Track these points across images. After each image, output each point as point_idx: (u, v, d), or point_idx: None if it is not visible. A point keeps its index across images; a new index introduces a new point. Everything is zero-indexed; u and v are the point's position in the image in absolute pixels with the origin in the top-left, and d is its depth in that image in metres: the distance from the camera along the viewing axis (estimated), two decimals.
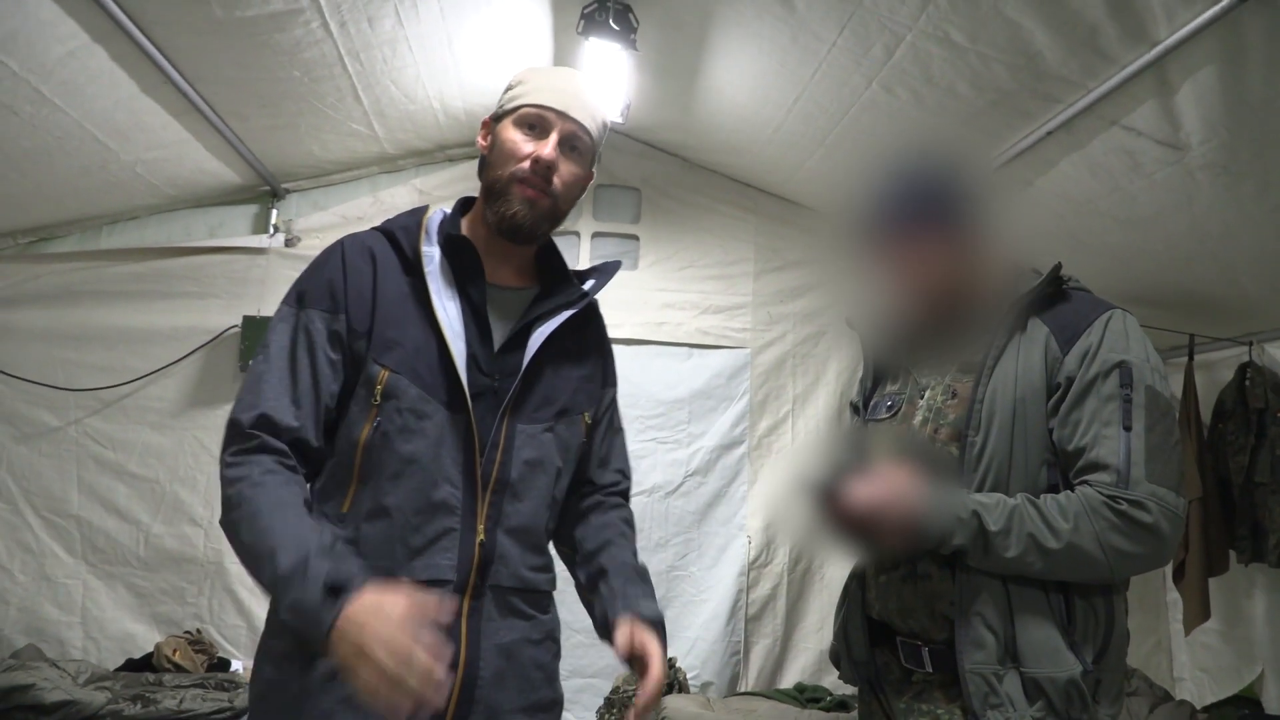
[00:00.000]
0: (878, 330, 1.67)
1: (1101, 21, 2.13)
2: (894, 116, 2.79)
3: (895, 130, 2.86)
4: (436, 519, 1.22)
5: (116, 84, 2.64)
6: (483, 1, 2.72)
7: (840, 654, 1.57)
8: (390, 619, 0.99)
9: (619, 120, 3.27)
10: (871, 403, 1.61)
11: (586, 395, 1.41)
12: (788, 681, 3.60)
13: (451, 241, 1.33)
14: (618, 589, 1.34)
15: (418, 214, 1.37)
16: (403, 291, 1.29)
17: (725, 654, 3.66)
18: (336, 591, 1.02)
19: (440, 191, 3.79)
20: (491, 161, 1.33)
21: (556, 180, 1.31)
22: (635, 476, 3.73)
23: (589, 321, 1.44)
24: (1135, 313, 1.42)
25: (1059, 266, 1.46)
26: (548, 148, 1.30)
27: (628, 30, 2.67)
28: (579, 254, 3.88)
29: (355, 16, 2.60)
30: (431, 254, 1.32)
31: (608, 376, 1.49)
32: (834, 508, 1.34)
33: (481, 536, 1.24)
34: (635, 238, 3.94)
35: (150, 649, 3.18)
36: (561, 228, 4.49)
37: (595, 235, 3.92)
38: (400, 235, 1.33)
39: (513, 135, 1.31)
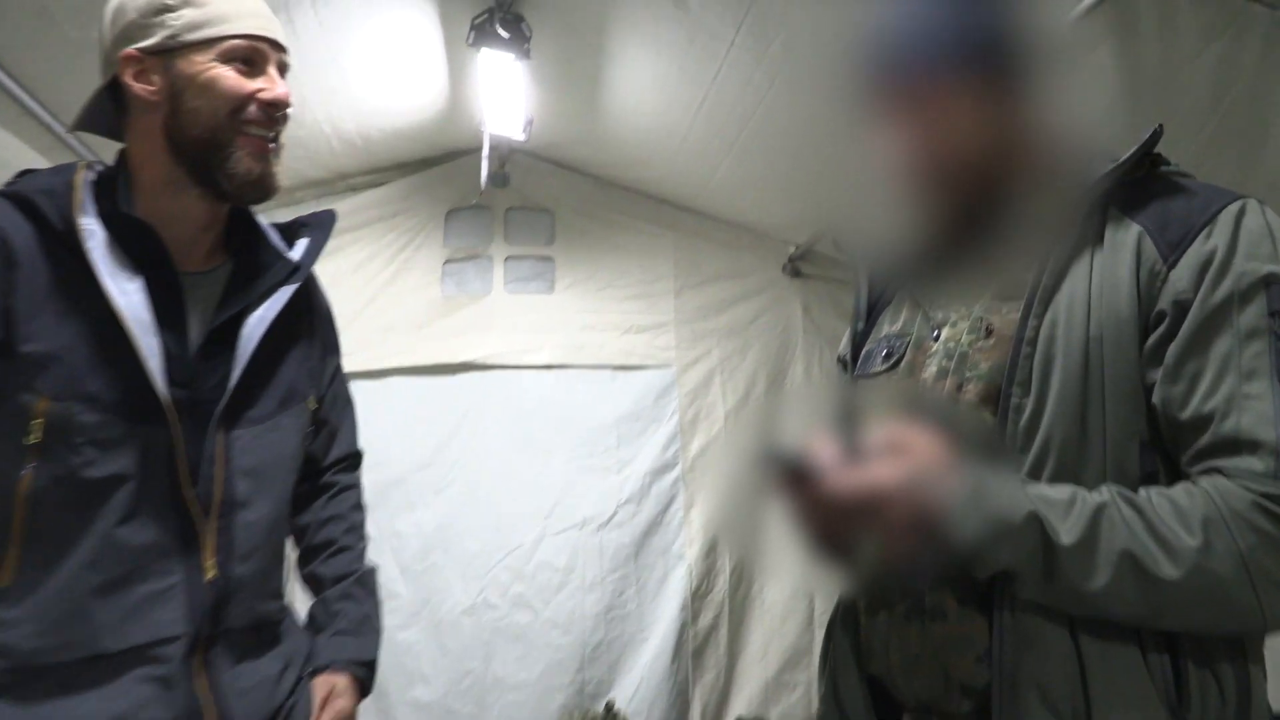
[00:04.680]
0: (877, 246, 1.15)
1: None
2: (801, 117, 2.71)
3: (803, 132, 2.78)
4: (147, 567, 1.00)
5: None
6: (364, 16, 2.58)
7: None
8: None
9: (521, 137, 3.15)
10: (863, 352, 1.12)
11: (309, 375, 1.23)
12: (732, 715, 3.43)
13: (122, 221, 1.04)
14: (325, 622, 1.22)
15: (65, 173, 1.06)
16: (52, 283, 0.98)
17: (671, 694, 3.45)
18: None
19: (344, 222, 3.61)
20: (191, 107, 1.05)
21: (283, 124, 1.12)
22: (562, 510, 3.62)
23: (306, 293, 1.24)
24: None
25: (1157, 135, 0.91)
26: (280, 85, 1.10)
27: (520, 39, 2.56)
28: (492, 278, 3.73)
29: None
30: (93, 229, 1.02)
31: (328, 345, 1.31)
32: (807, 495, 0.78)
33: (212, 573, 1.04)
34: (550, 259, 3.81)
35: None
36: (475, 252, 4.31)
37: (508, 259, 3.78)
38: (43, 203, 1.00)
39: (225, 72, 1.06)
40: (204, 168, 1.07)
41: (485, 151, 3.17)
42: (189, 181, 1.08)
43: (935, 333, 1.00)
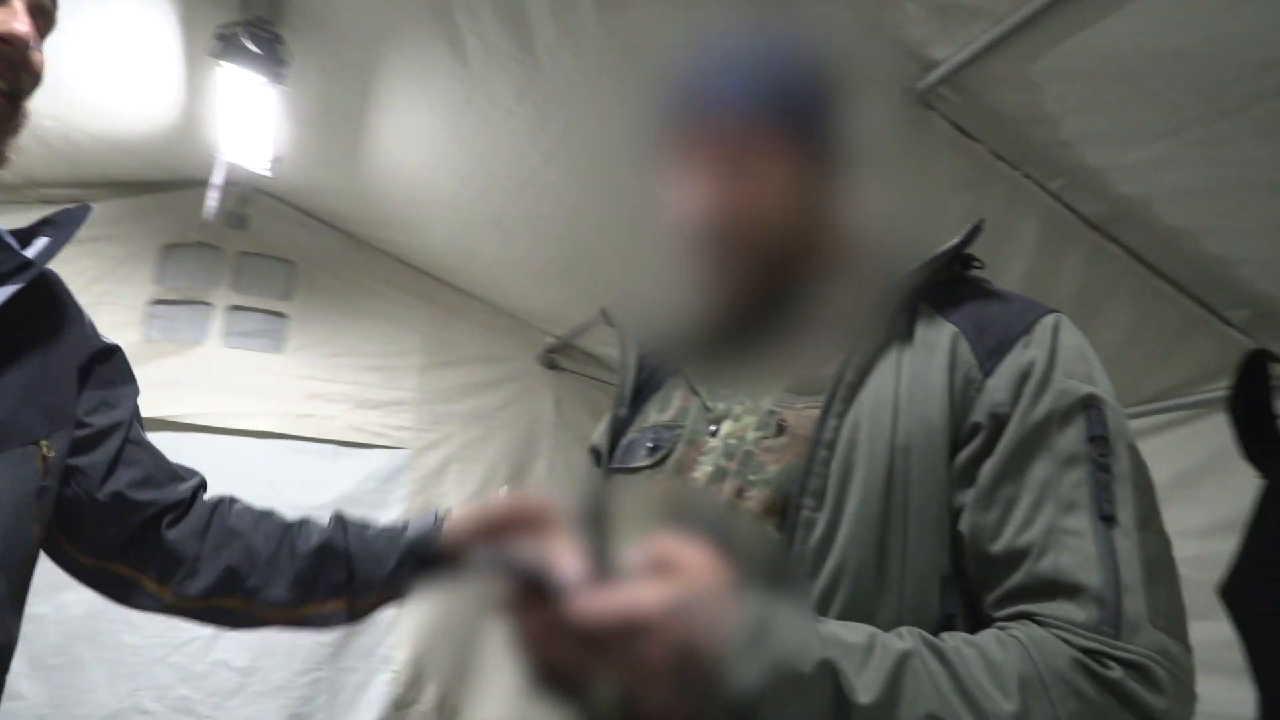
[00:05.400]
0: (654, 321, 0.99)
1: None
2: (574, 202, 2.60)
3: (574, 219, 2.67)
4: None
5: None
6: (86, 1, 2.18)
7: None
8: None
9: (266, 173, 2.80)
10: (624, 441, 0.97)
11: (44, 412, 0.97)
12: None
13: None
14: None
15: None
16: None
17: None
18: None
19: None
20: None
21: (26, 75, 0.89)
22: None
23: (43, 304, 1.02)
24: None
25: (977, 230, 0.84)
26: (19, 22, 0.87)
27: (274, 61, 2.27)
28: (208, 328, 3.27)
29: None
30: None
31: (108, 376, 1.08)
32: (541, 615, 0.57)
33: None
34: (284, 316, 3.41)
35: None
36: (192, 296, 3.82)
37: (233, 308, 3.33)
38: None
39: None
40: None
41: (217, 179, 2.78)
42: None
43: (713, 426, 0.87)
